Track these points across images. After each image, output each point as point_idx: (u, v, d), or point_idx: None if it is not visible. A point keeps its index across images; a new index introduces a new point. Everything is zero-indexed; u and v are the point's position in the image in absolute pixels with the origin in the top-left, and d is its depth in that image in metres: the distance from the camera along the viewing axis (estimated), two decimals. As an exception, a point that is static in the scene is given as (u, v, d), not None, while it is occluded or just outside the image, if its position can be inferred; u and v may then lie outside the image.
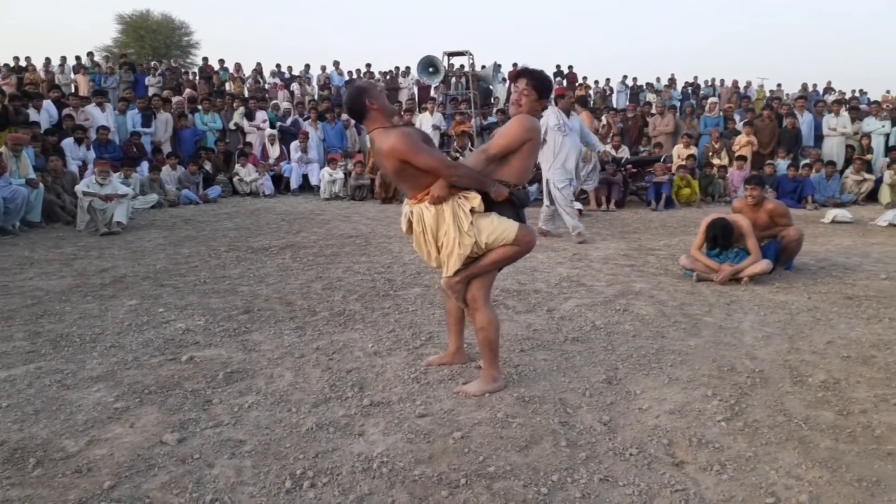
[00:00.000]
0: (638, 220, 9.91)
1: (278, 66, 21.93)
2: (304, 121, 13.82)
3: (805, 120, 12.97)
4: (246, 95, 17.56)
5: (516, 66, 22.42)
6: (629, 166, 11.81)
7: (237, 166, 12.15)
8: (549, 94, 3.59)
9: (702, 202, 11.71)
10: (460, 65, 16.80)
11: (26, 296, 5.32)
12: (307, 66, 21.72)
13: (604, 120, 14.58)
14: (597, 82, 22.18)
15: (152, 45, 33.03)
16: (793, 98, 17.40)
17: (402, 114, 13.66)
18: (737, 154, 12.47)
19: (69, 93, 12.77)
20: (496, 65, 14.68)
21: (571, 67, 22.42)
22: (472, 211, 3.22)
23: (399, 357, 3.98)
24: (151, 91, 17.56)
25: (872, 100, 21.08)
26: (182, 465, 2.73)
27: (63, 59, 20.65)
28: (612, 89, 22.29)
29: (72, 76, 19.99)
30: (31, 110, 10.71)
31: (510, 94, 3.91)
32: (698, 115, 14.61)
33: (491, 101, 18.89)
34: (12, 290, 5.48)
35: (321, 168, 12.50)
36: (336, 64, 21.84)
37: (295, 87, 20.09)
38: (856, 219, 9.71)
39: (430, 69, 13.69)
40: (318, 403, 3.32)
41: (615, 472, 2.70)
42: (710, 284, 5.80)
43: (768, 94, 22.00)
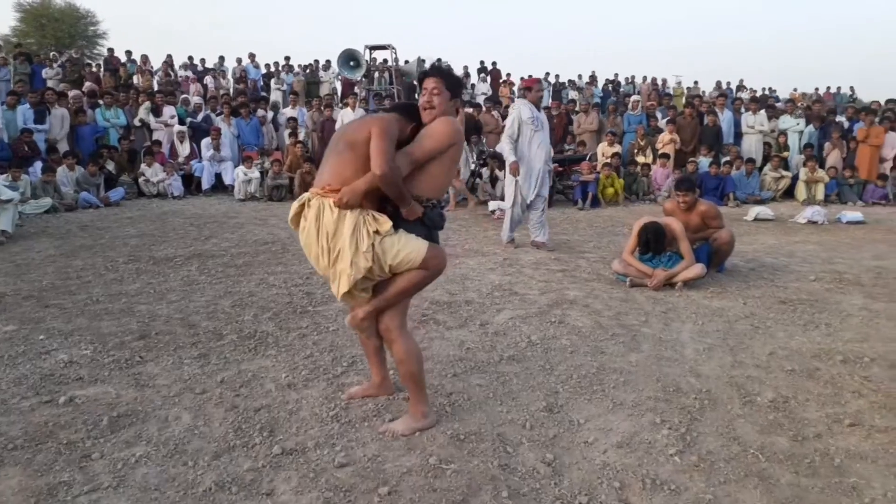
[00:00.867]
0: (565, 219, 9.73)
1: (190, 58, 20.83)
2: (217, 116, 13.00)
3: (725, 118, 13.15)
4: (155, 89, 16.53)
5: (440, 61, 22.19)
6: (555, 165, 11.63)
7: (143, 166, 11.27)
8: (461, 92, 3.22)
9: (626, 200, 11.67)
10: (383, 59, 16.35)
11: None
12: (221, 59, 20.69)
13: (529, 117, 14.42)
14: (522, 79, 22.07)
15: (55, 35, 30.99)
16: (712, 96, 17.76)
17: (321, 108, 13.09)
18: (660, 152, 12.51)
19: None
20: (420, 59, 14.26)
21: (495, 64, 22.25)
22: (377, 233, 2.83)
23: (317, 389, 3.53)
24: (50, 84, 16.30)
25: (782, 97, 21.91)
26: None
27: (-55, 49, 18.96)
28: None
29: (-42, 67, 18.35)
30: None
31: None
32: (621, 112, 14.63)
33: (415, 96, 18.48)
34: None
35: (235, 167, 11.78)
36: (252, 56, 20.90)
37: (208, 80, 19.09)
38: (777, 216, 9.84)
39: (352, 63, 13.18)
40: (220, 454, 2.85)
41: (565, 530, 2.36)
42: (645, 290, 5.60)
43: (686, 92, 22.51)
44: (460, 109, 3.28)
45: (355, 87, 15.79)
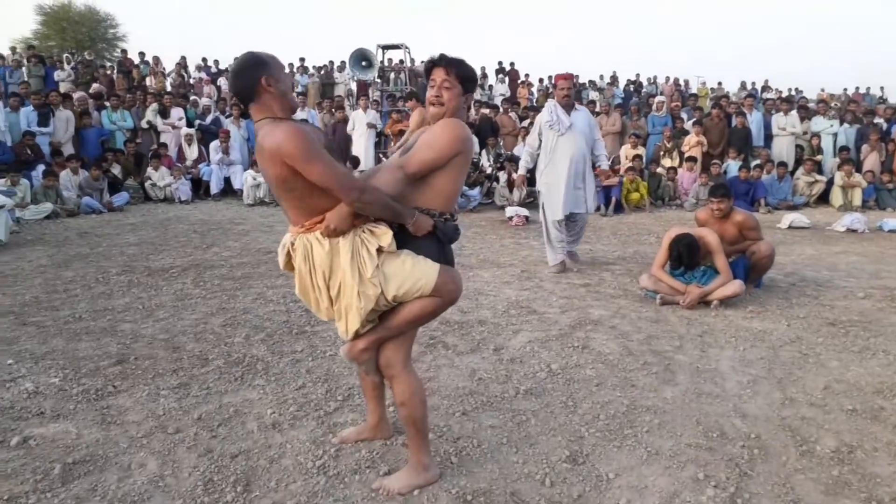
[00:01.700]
0: (588, 226, 9.20)
1: (204, 59, 20.57)
2: (227, 118, 12.66)
3: (754, 119, 12.55)
4: (168, 91, 16.25)
5: (513, 65, 21.67)
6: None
7: (149, 169, 10.95)
8: (475, 87, 2.72)
9: (651, 206, 11.14)
10: (399, 60, 15.91)
11: None
12: (236, 60, 20.37)
13: (548, 119, 13.93)
14: (541, 80, 21.58)
15: (75, 38, 30.97)
16: (740, 96, 17.14)
17: (332, 110, 12.69)
18: (687, 155, 11.96)
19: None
20: (435, 59, 13.80)
21: (513, 64, 21.78)
22: (380, 251, 2.37)
23: (305, 430, 3.08)
24: (62, 87, 16.09)
25: (810, 98, 21.17)
26: None
27: (-39, 51, 18.86)
28: (555, 87, 21.72)
29: (-28, 69, 18.23)
30: None
31: None
32: (645, 113, 14.08)
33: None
34: None
35: (245, 170, 11.41)
36: (267, 58, 20.56)
37: (222, 81, 18.80)
38: (812, 223, 9.26)
39: (364, 63, 12.76)
40: (183, 516, 2.42)
41: None
42: (677, 309, 5.10)
43: (709, 93, 21.87)
44: (471, 107, 2.79)
45: (369, 89, 15.39)
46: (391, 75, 15.60)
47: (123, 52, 20.73)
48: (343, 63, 19.09)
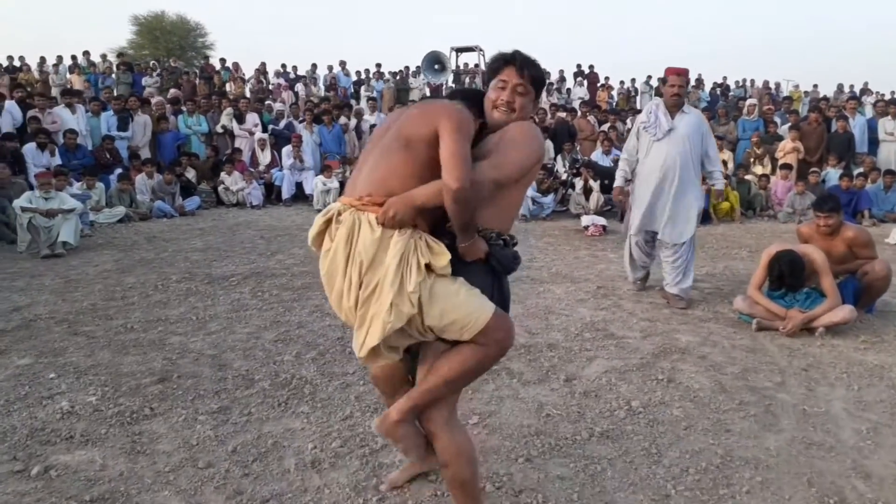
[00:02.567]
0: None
1: (283, 65, 20.81)
2: (300, 123, 12.62)
3: (857, 123, 11.54)
4: (247, 96, 16.44)
5: (592, 68, 21.08)
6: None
7: (222, 174, 10.97)
8: (542, 91, 2.29)
9: (742, 216, 10.35)
10: (475, 63, 15.58)
11: None
12: (314, 66, 20.54)
13: (629, 123, 13.28)
14: (622, 83, 20.80)
15: (166, 47, 32.18)
16: (840, 100, 15.94)
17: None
18: (781, 162, 11.09)
19: (36, 92, 11.63)
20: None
21: (592, 67, 21.06)
22: (429, 269, 1.98)
23: (347, 471, 2.73)
24: (148, 92, 16.55)
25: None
26: None
27: (59, 59, 19.72)
28: (636, 90, 20.90)
29: (67, 76, 19.04)
30: (-10, 112, 9.62)
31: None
32: (734, 117, 13.22)
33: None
34: None
35: (316, 175, 11.29)
36: (343, 64, 20.66)
37: (299, 87, 18.96)
38: (927, 239, 8.32)
39: (436, 66, 12.47)
40: (196, 578, 2.10)
41: None
42: (776, 336, 4.51)
43: (803, 96, 20.54)
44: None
45: (440, 92, 15.08)
46: (465, 79, 15.27)
47: (205, 58, 21.23)
48: (418, 68, 18.95)
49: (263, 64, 20.35)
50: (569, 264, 6.80)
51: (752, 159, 11.50)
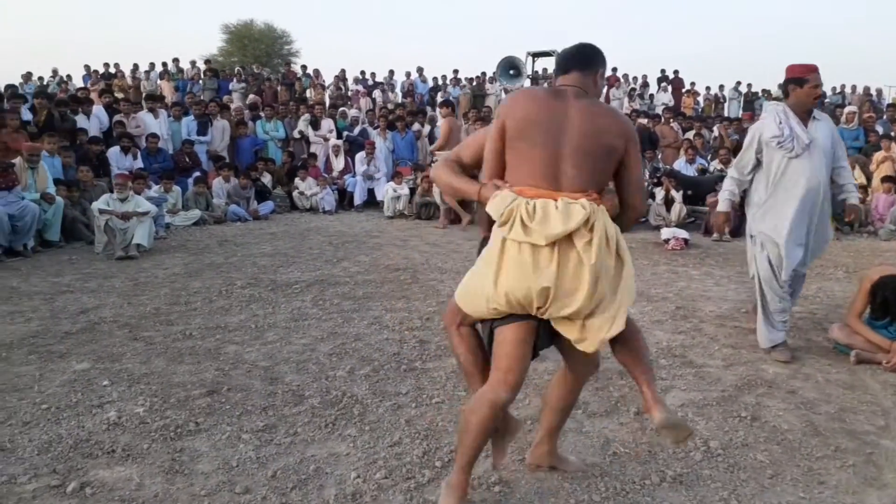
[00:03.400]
0: (758, 254, 8.00)
1: (362, 72, 21.06)
2: (374, 130, 12.61)
3: (974, 133, 10.55)
4: (327, 103, 16.65)
5: (615, 70, 20.57)
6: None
7: (297, 179, 11.06)
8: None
9: (837, 231, 9.60)
10: (551, 68, 15.20)
11: (-34, 348, 4.24)
12: (391, 73, 20.71)
13: (715, 131, 12.65)
14: (708, 88, 19.99)
15: (254, 54, 33.25)
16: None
17: (477, 121, 12.23)
18: (883, 175, 10.25)
19: (121, 97, 12.07)
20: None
21: (677, 72, 20.35)
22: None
23: (388, 507, 2.52)
24: (235, 97, 17.01)
25: None
26: None
27: (151, 66, 20.59)
28: (724, 97, 20.03)
29: (157, 82, 19.84)
30: (80, 116, 9.99)
31: (608, 100, 2.79)
32: (831, 126, 12.36)
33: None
34: (-42, 338, 4.42)
35: (387, 182, 11.23)
36: (420, 70, 20.72)
37: (377, 94, 19.10)
38: None
39: (512, 71, 12.21)
40: None
41: None
42: (877, 371, 4.03)
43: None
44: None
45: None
46: (543, 84, 14.94)
47: (287, 64, 21.70)
48: (494, 74, 18.73)
49: (343, 71, 20.66)
50: (646, 281, 6.40)
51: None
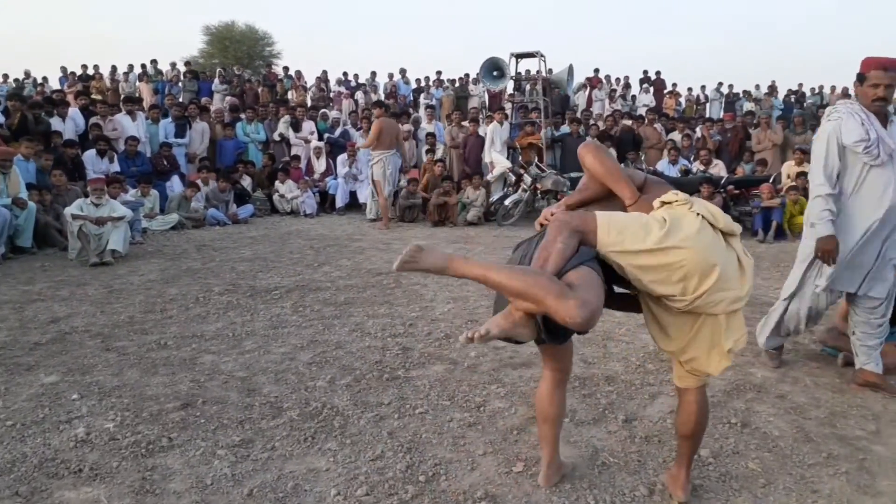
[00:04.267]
0: (742, 255, 7.97)
1: (345, 74, 20.89)
2: (357, 131, 12.48)
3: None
4: (309, 104, 16.50)
5: (597, 71, 20.65)
6: (730, 187, 9.87)
7: (277, 182, 10.91)
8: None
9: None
10: (536, 70, 15.18)
11: (-71, 360, 4.07)
12: (373, 74, 20.58)
13: (698, 132, 12.65)
14: (689, 89, 20.07)
15: (235, 56, 32.91)
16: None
17: (461, 123, 12.16)
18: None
19: (98, 100, 11.85)
20: (571, 68, 12.94)
21: (659, 73, 20.41)
22: None
23: (369, 527, 2.42)
24: (217, 99, 16.79)
25: None
26: None
27: (130, 67, 20.30)
28: (706, 97, 20.11)
29: (136, 84, 19.56)
30: (55, 118, 9.77)
31: (590, 101, 2.56)
32: (812, 126, 12.41)
33: (571, 108, 17.13)
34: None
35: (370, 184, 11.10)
36: (403, 72, 20.59)
37: (359, 95, 18.94)
38: None
39: (495, 73, 12.12)
40: None
41: None
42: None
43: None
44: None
45: (499, 99, 14.73)
46: (527, 86, 14.88)
47: (268, 66, 21.50)
48: (479, 76, 18.65)
49: (325, 72, 20.48)
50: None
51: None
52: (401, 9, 74.81)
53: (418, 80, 20.73)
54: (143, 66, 20.15)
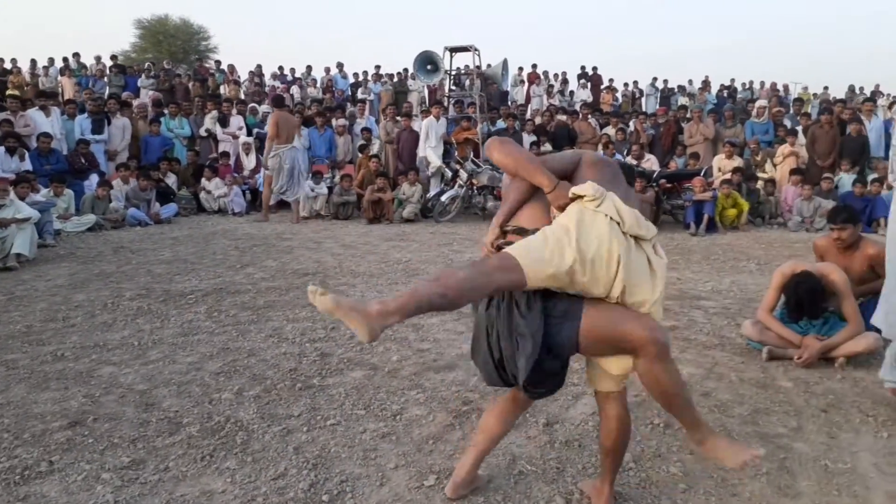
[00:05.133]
0: (675, 247, 8.03)
1: (280, 68, 20.35)
2: (288, 126, 12.09)
3: (874, 127, 10.95)
4: (242, 98, 15.96)
5: (535, 67, 20.73)
6: (663, 181, 9.94)
7: (203, 179, 10.48)
8: None
9: (749, 224, 9.80)
10: (475, 65, 15.07)
11: None
12: (308, 68, 20.09)
13: (632, 126, 12.75)
14: (625, 85, 20.28)
15: (169, 51, 31.82)
16: (858, 101, 15.34)
17: (396, 117, 11.94)
18: (791, 167, 10.52)
19: (13, 95, 11.18)
20: (505, 62, 12.86)
21: (596, 69, 20.54)
22: None
23: (260, 557, 2.21)
24: (143, 94, 16.10)
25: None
26: None
27: (50, 61, 19.32)
28: (641, 92, 20.36)
29: (58, 79, 18.63)
30: (-41, 115, 9.15)
31: (529, 97, 2.46)
32: (741, 120, 12.67)
33: (509, 103, 17.07)
34: None
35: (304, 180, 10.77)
36: (340, 66, 20.19)
37: (295, 90, 18.49)
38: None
39: (429, 66, 11.94)
40: None
41: None
42: (790, 368, 3.97)
43: (812, 98, 19.95)
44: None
45: (437, 94, 14.54)
46: (466, 81, 14.75)
47: (198, 60, 20.82)
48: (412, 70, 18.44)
49: (259, 66, 19.92)
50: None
51: (753, 166, 10.95)
52: (342, 3, 73.90)
53: (356, 74, 20.36)
54: (64, 59, 19.20)
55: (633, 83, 20.55)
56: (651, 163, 10.94)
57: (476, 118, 11.89)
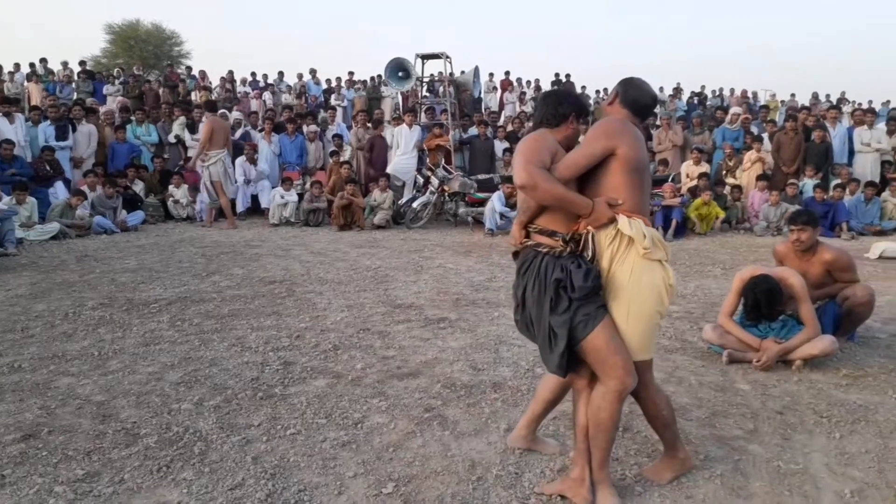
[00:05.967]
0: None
1: (253, 74, 20.25)
2: (259, 133, 12.04)
3: (837, 133, 11.17)
4: (192, 104, 15.79)
5: (508, 74, 20.89)
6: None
7: (171, 187, 10.38)
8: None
9: (716, 230, 9.95)
10: (449, 71, 15.12)
11: None
12: (280, 74, 20.03)
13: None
14: (597, 92, 20.51)
15: (141, 56, 31.46)
16: (822, 108, 15.65)
17: (366, 124, 11.92)
18: (757, 173, 10.70)
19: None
20: (476, 69, 12.93)
21: (569, 76, 20.76)
22: None
23: (212, 568, 2.19)
24: (110, 101, 15.90)
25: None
26: None
27: (16, 67, 19.00)
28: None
29: (24, 84, 18.32)
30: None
31: (502, 104, 2.71)
32: (710, 126, 12.86)
33: (482, 110, 17.15)
34: None
35: (273, 188, 10.73)
36: (313, 72, 20.15)
37: (266, 96, 18.39)
38: (909, 254, 7.93)
39: (401, 73, 11.96)
40: None
41: None
42: (748, 371, 4.03)
43: (780, 105, 20.32)
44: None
45: (410, 100, 14.54)
46: (440, 88, 14.79)
47: (169, 66, 20.63)
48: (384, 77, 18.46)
49: (231, 72, 19.80)
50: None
51: (723, 171, 11.13)
52: (316, 8, 73.74)
53: (329, 80, 20.33)
54: (31, 65, 18.90)
55: (604, 90, 20.76)
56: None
57: (448, 125, 11.92)
